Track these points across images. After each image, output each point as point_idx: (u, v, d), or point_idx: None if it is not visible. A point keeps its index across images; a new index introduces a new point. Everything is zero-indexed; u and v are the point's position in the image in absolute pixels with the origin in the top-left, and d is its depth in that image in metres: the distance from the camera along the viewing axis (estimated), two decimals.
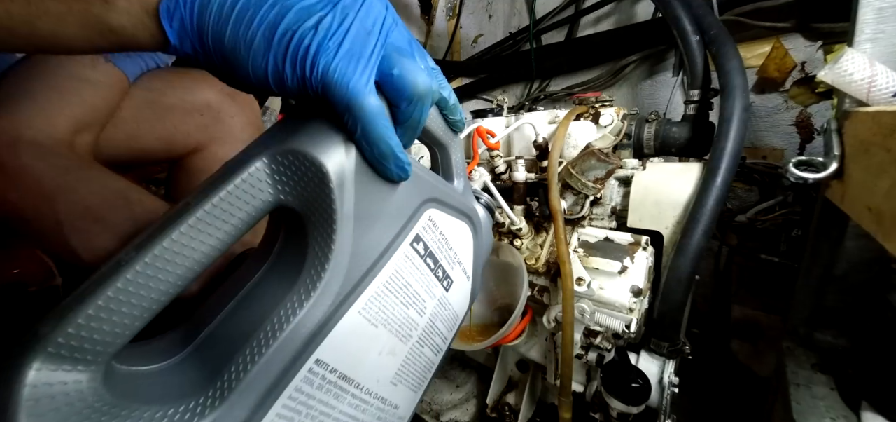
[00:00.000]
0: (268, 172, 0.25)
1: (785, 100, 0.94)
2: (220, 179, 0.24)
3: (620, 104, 0.86)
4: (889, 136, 0.33)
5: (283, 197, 0.26)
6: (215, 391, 0.24)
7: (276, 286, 0.27)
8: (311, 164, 0.25)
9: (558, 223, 0.60)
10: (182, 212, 0.23)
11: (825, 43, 0.86)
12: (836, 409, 0.50)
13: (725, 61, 0.61)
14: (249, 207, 0.25)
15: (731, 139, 0.56)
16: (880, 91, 0.42)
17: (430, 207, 0.35)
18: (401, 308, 0.34)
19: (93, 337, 0.21)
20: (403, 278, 0.33)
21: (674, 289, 0.57)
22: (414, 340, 0.37)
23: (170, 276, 0.23)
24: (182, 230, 0.23)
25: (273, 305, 0.26)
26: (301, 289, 0.27)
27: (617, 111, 0.70)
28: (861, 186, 0.39)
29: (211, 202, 0.23)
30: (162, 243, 0.22)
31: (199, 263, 0.24)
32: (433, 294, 0.37)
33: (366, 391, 0.33)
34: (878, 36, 0.46)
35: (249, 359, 0.25)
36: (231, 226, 0.24)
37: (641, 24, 1.05)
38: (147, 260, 0.22)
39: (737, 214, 0.95)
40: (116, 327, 0.21)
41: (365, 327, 0.31)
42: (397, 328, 0.34)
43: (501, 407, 0.81)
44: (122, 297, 0.21)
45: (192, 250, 0.23)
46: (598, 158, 0.59)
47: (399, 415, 0.38)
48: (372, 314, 0.31)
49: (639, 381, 0.55)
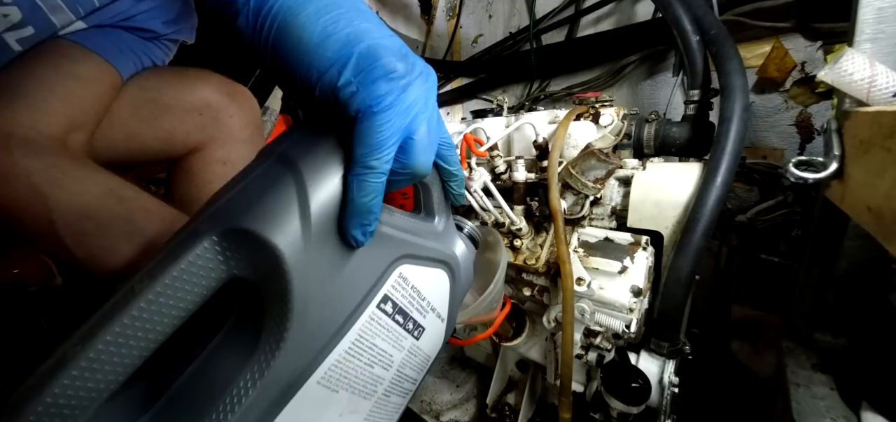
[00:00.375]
0: (217, 250, 0.24)
1: (785, 100, 0.94)
2: (167, 260, 0.23)
3: (620, 104, 0.86)
4: (889, 136, 0.33)
5: (237, 271, 0.25)
6: None
7: (235, 357, 0.26)
8: (263, 244, 0.24)
9: (558, 223, 0.60)
10: (127, 298, 0.22)
11: (825, 43, 0.86)
12: (836, 409, 0.50)
13: (725, 61, 0.61)
14: (199, 288, 0.24)
15: (731, 139, 0.56)
16: (880, 91, 0.42)
17: (402, 263, 0.33)
18: (365, 368, 0.32)
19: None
20: (368, 340, 0.32)
21: (674, 289, 0.57)
22: (379, 393, 0.35)
23: (117, 366, 0.22)
24: (125, 321, 0.22)
25: (230, 378, 0.25)
26: (255, 365, 0.25)
27: (617, 111, 0.70)
28: (861, 186, 0.39)
29: (155, 289, 0.22)
30: (105, 337, 0.21)
31: (147, 349, 0.23)
32: (402, 347, 0.36)
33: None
34: (878, 36, 0.46)
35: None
36: (180, 308, 0.23)
37: (641, 24, 1.05)
38: (91, 355, 0.21)
39: (737, 214, 0.94)
40: (68, 420, 0.21)
41: (324, 394, 0.29)
42: (360, 388, 0.33)
43: (501, 407, 0.81)
44: (70, 392, 0.21)
45: (138, 338, 0.22)
46: (598, 158, 0.59)
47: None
48: (332, 381, 0.30)
49: (639, 381, 0.55)
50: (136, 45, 0.54)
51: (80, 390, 0.21)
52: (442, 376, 0.93)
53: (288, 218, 0.25)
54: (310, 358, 0.27)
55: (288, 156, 0.27)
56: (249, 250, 0.24)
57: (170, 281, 0.23)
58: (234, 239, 0.24)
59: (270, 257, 0.24)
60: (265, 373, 0.25)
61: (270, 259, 0.24)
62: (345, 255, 0.28)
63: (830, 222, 0.54)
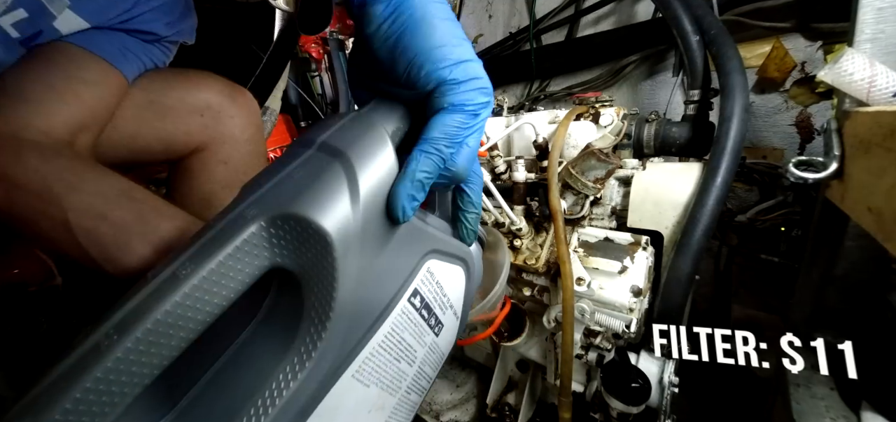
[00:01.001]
0: (264, 236, 0.23)
1: (785, 100, 0.94)
2: (212, 245, 0.22)
3: (620, 104, 0.86)
4: (889, 136, 0.33)
5: (280, 260, 0.24)
6: None
7: (268, 351, 0.25)
8: (315, 230, 0.24)
9: (558, 223, 0.60)
10: (170, 284, 0.21)
11: (825, 43, 0.86)
12: (836, 409, 0.50)
13: (725, 61, 0.61)
14: (243, 276, 0.23)
15: (731, 139, 0.56)
16: (880, 91, 0.42)
17: (430, 258, 0.33)
18: (393, 364, 0.32)
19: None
20: (398, 334, 0.32)
21: (674, 289, 0.58)
22: (402, 390, 0.35)
23: (154, 358, 0.20)
24: (168, 308, 0.20)
25: (266, 375, 0.24)
26: (295, 357, 0.24)
27: (617, 111, 0.70)
28: (861, 186, 0.39)
29: (201, 274, 0.21)
30: (146, 325, 0.20)
31: (186, 340, 0.22)
32: (424, 343, 0.36)
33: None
34: (878, 36, 0.46)
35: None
36: (224, 296, 0.22)
37: (641, 24, 1.05)
38: (129, 345, 0.20)
39: (737, 214, 0.95)
40: (97, 417, 0.19)
41: (357, 389, 0.29)
42: (388, 383, 0.33)
43: (501, 407, 0.81)
44: (102, 387, 0.19)
45: (179, 328, 0.21)
46: (598, 157, 0.59)
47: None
48: (365, 375, 0.29)
49: (639, 381, 0.55)
50: (138, 48, 0.54)
51: (113, 385, 0.20)
52: (442, 376, 0.93)
53: (339, 205, 0.25)
54: (348, 350, 0.27)
55: (332, 145, 0.27)
56: (298, 237, 0.24)
57: (216, 267, 0.22)
58: (283, 225, 0.23)
59: (320, 244, 0.24)
60: (306, 365, 0.24)
61: (320, 246, 0.24)
62: (385, 246, 0.28)
63: (830, 222, 0.54)
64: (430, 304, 0.34)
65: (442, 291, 0.36)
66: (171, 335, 0.21)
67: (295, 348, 0.25)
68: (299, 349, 0.25)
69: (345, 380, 0.27)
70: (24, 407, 0.19)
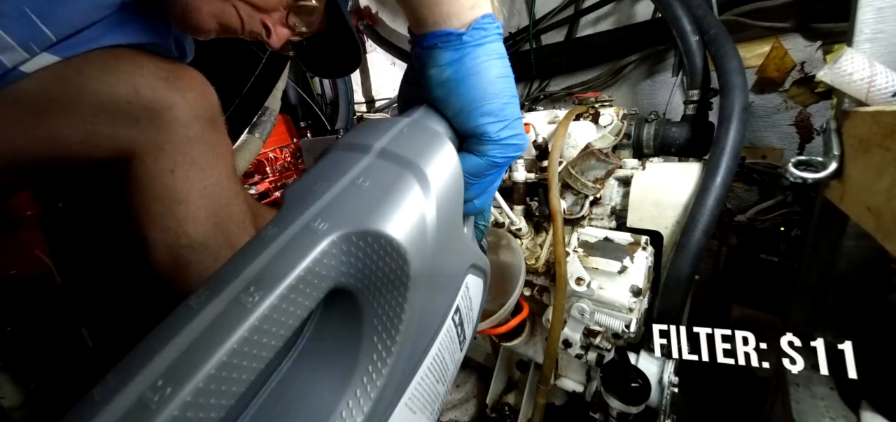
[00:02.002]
0: (335, 253, 0.20)
1: (784, 100, 0.94)
2: (281, 263, 0.19)
3: (620, 104, 0.86)
4: (888, 135, 0.33)
5: (343, 280, 0.21)
6: None
7: (321, 384, 0.22)
8: (394, 249, 0.21)
9: (557, 223, 0.60)
10: (234, 314, 0.17)
11: (824, 43, 0.86)
12: (836, 409, 0.50)
13: (725, 61, 0.61)
14: (311, 300, 0.19)
15: (731, 139, 0.56)
16: (879, 91, 0.42)
17: (469, 273, 0.32)
18: (433, 386, 0.30)
19: None
20: (441, 355, 0.29)
21: (673, 289, 0.57)
22: (436, 412, 0.33)
23: (212, 410, 0.16)
24: (234, 345, 0.16)
25: (320, 414, 0.21)
26: (357, 390, 0.21)
27: (616, 111, 0.70)
28: (860, 186, 0.39)
29: (271, 300, 0.18)
30: (208, 369, 0.16)
31: (246, 382, 0.18)
32: (455, 361, 0.33)
33: None
34: (878, 36, 0.46)
35: None
36: (288, 326, 0.19)
37: (641, 24, 1.05)
38: (187, 398, 0.15)
39: (736, 213, 0.95)
40: None
41: (408, 417, 0.26)
42: (429, 407, 0.30)
43: (501, 407, 0.81)
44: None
45: (242, 369, 0.17)
46: (598, 157, 0.59)
47: None
48: (414, 401, 0.27)
49: (638, 380, 0.55)
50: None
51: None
52: None
53: (416, 221, 0.22)
54: (406, 376, 0.25)
55: (397, 154, 0.25)
56: (372, 256, 0.21)
57: (287, 290, 0.18)
58: (358, 242, 0.21)
59: (397, 265, 0.21)
60: (370, 397, 0.21)
61: (397, 267, 0.21)
62: (445, 264, 0.26)
63: (830, 222, 0.54)
64: (464, 320, 0.33)
65: (471, 305, 0.34)
66: (234, 379, 0.17)
67: (355, 380, 0.22)
68: (361, 379, 0.22)
69: (400, 409, 0.25)
70: None
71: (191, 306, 0.18)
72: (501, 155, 0.32)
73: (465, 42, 0.30)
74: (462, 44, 0.30)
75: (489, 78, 0.31)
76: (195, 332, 0.17)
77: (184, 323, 0.17)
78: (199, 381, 0.16)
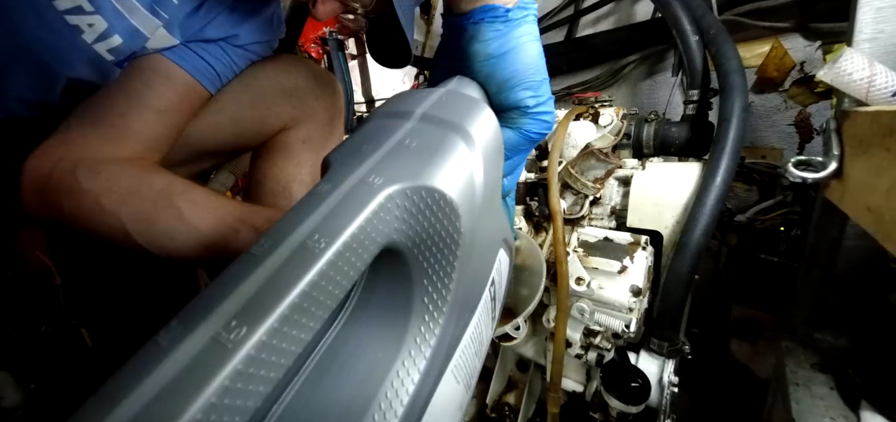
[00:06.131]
0: (390, 207, 0.20)
1: (784, 100, 0.94)
2: (343, 212, 0.18)
3: (620, 104, 0.86)
4: (888, 135, 0.33)
5: (396, 236, 0.21)
6: None
7: (375, 344, 0.21)
8: (447, 205, 0.21)
9: (557, 224, 0.60)
10: (303, 258, 0.17)
11: (824, 43, 0.86)
12: (836, 408, 0.50)
13: (724, 61, 0.61)
14: (370, 252, 0.19)
15: (731, 139, 0.56)
16: (879, 90, 0.42)
17: (502, 246, 0.32)
18: (473, 360, 0.29)
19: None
20: (480, 329, 0.29)
21: (673, 289, 0.57)
22: (472, 386, 0.32)
23: (284, 352, 0.16)
24: (304, 288, 0.16)
25: (376, 375, 0.20)
26: (410, 350, 0.21)
27: (616, 111, 0.70)
28: (860, 186, 0.39)
29: (338, 243, 0.17)
30: (282, 309, 0.16)
31: (316, 327, 0.17)
32: (488, 337, 0.33)
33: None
34: (877, 35, 0.46)
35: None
36: (356, 270, 0.19)
37: (641, 24, 1.05)
38: (263, 338, 0.15)
39: (736, 213, 0.95)
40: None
41: (454, 388, 0.26)
42: (468, 381, 0.29)
43: (501, 407, 0.81)
44: (227, 400, 0.14)
45: (312, 312, 0.17)
46: (598, 157, 0.59)
47: None
48: (459, 373, 0.26)
49: (638, 380, 0.55)
50: (220, 56, 0.55)
51: (239, 394, 0.14)
52: None
53: (466, 179, 0.23)
54: (454, 342, 0.24)
55: (440, 117, 0.25)
56: (425, 212, 0.21)
57: (351, 238, 0.18)
58: (412, 196, 0.21)
59: (449, 222, 0.21)
60: (425, 357, 0.21)
61: (448, 224, 0.21)
62: (487, 228, 0.26)
63: (830, 222, 0.54)
64: (497, 294, 0.33)
65: (502, 282, 0.34)
66: (305, 322, 0.17)
67: (408, 341, 0.22)
68: (415, 340, 0.22)
69: (447, 377, 0.25)
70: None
71: (254, 255, 0.18)
72: (536, 130, 0.34)
73: (510, 19, 0.32)
74: (508, 20, 0.32)
75: (531, 54, 0.33)
76: (262, 277, 0.17)
77: (250, 270, 0.17)
78: (275, 321, 0.15)
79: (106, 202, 0.41)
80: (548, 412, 0.65)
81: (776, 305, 0.91)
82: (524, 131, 0.34)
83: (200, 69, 0.52)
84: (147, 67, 0.49)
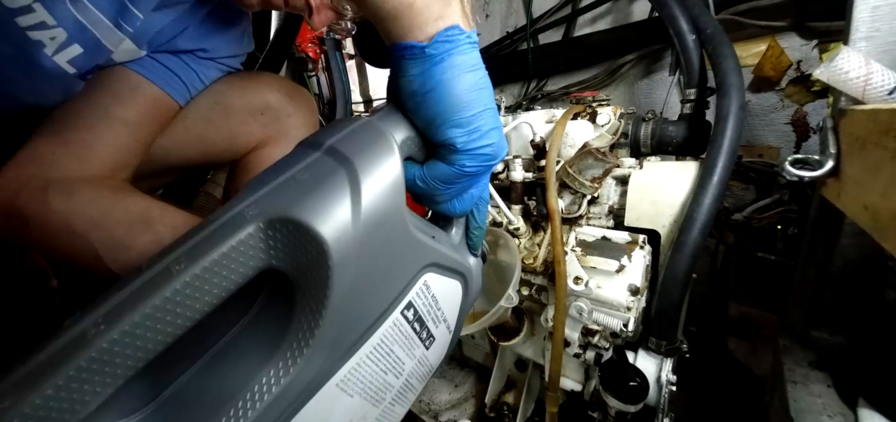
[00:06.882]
0: (262, 238, 0.23)
1: (781, 98, 0.94)
2: (207, 243, 0.22)
3: (617, 103, 0.86)
4: (885, 133, 0.33)
5: (275, 262, 0.24)
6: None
7: (255, 352, 0.25)
8: (312, 237, 0.23)
9: (555, 223, 0.60)
10: (162, 278, 0.21)
11: (820, 41, 0.86)
12: (834, 406, 0.50)
13: (721, 60, 0.61)
14: (236, 276, 0.23)
15: (728, 138, 0.56)
16: (876, 89, 0.42)
17: (428, 271, 0.33)
18: (379, 375, 0.32)
19: (51, 417, 0.19)
20: (387, 346, 0.31)
21: (671, 287, 0.58)
22: (386, 402, 0.35)
23: (138, 352, 0.20)
24: (157, 303, 0.20)
25: (250, 375, 0.24)
26: (281, 361, 0.24)
27: (614, 110, 0.70)
28: (857, 184, 0.39)
29: (194, 271, 0.21)
30: (133, 318, 0.20)
31: (173, 335, 0.21)
32: (413, 356, 0.35)
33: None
34: (874, 34, 0.46)
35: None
36: (214, 294, 0.22)
37: (638, 24, 1.05)
38: (115, 336, 0.19)
39: (733, 212, 0.95)
40: (78, 405, 0.19)
41: (341, 398, 0.29)
42: (372, 395, 0.32)
43: (500, 407, 0.81)
44: (85, 376, 0.19)
45: (167, 322, 0.21)
46: (596, 157, 0.59)
47: None
48: (350, 385, 0.29)
49: (637, 379, 0.55)
50: (191, 67, 0.54)
51: (96, 375, 0.19)
52: (440, 376, 0.93)
53: (339, 212, 0.24)
54: (335, 359, 0.27)
55: (340, 151, 0.26)
56: (295, 241, 0.23)
57: (210, 264, 0.21)
58: (281, 228, 0.23)
59: (316, 251, 0.23)
60: (290, 371, 0.24)
61: (316, 252, 0.23)
62: (382, 257, 0.28)
63: (826, 220, 0.54)
64: (423, 317, 0.34)
65: (437, 304, 0.35)
66: (158, 329, 0.21)
67: (281, 352, 0.24)
68: (286, 353, 0.24)
69: (328, 389, 0.27)
70: (6, 390, 0.18)
71: (140, 270, 0.22)
72: (472, 164, 0.32)
73: (428, 55, 0.30)
74: (425, 57, 0.30)
75: (456, 90, 0.30)
76: (133, 288, 0.21)
77: (130, 281, 0.21)
78: (126, 325, 0.20)
79: (77, 225, 0.40)
80: (546, 411, 0.65)
81: (774, 304, 0.91)
82: (458, 166, 0.32)
83: (168, 81, 0.51)
84: (114, 79, 0.48)
